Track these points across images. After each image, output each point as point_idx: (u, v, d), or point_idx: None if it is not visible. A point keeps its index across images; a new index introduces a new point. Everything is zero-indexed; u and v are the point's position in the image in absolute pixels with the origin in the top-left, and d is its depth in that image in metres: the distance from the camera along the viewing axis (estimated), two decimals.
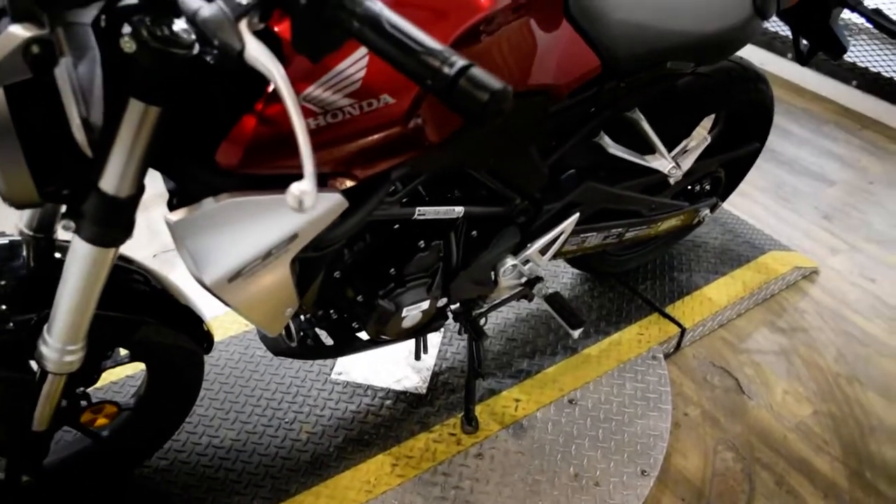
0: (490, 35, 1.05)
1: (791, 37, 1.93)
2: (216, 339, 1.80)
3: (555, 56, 1.19)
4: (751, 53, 3.43)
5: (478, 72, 0.62)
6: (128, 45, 0.76)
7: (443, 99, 0.63)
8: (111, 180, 0.88)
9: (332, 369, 1.75)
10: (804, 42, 1.85)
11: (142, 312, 1.19)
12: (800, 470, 1.72)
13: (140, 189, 0.92)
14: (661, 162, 1.55)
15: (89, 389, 1.26)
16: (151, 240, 2.16)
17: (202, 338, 1.31)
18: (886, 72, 3.14)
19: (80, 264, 0.96)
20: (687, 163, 1.60)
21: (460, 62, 0.63)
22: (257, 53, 0.71)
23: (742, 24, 1.42)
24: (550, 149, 1.43)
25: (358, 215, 1.08)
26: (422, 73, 0.64)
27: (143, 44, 0.75)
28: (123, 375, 1.67)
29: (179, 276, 1.96)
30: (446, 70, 0.63)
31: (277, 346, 1.42)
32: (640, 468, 1.60)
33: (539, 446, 1.62)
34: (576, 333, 1.62)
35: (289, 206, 0.67)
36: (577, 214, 1.52)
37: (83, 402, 1.24)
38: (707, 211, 1.91)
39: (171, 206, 1.08)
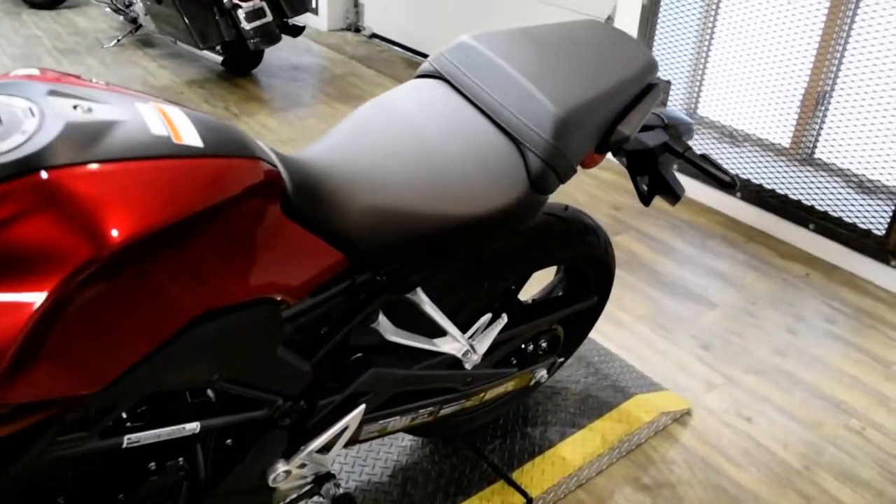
0: (164, 258, 0.89)
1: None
2: None
3: (275, 259, 1.03)
4: None
5: None
6: None
7: None
8: None
9: None
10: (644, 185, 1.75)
11: None
12: None
13: None
14: (453, 345, 1.39)
15: None
16: None
17: None
18: (768, 184, 3.09)
19: None
20: (484, 344, 1.44)
21: None
22: None
23: (516, 202, 1.27)
24: (321, 339, 1.26)
25: (9, 473, 0.89)
26: None
27: None
28: None
29: None
30: None
31: None
32: None
33: None
34: None
35: None
36: (363, 406, 1.34)
37: None
38: (544, 372, 1.75)
39: None
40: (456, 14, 4.74)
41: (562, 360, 1.84)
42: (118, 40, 5.26)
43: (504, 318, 1.46)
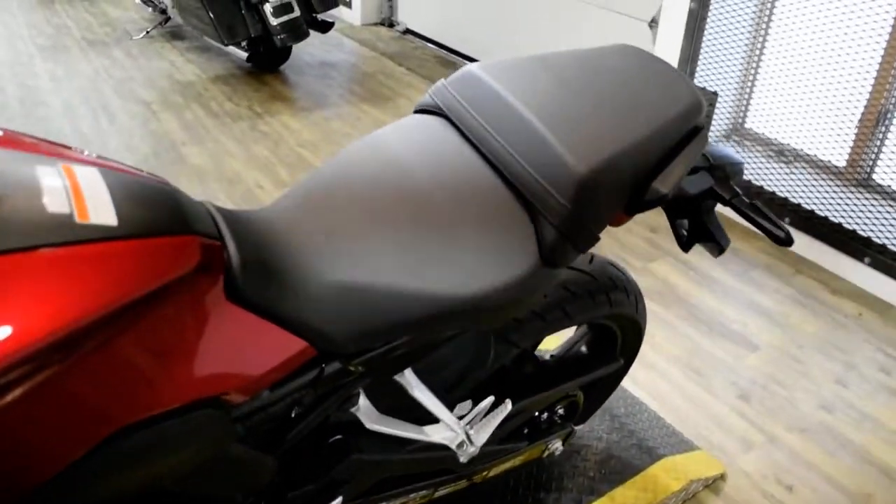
0: (59, 374, 0.71)
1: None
2: None
3: (218, 354, 0.86)
4: None
5: None
6: None
7: None
8: None
9: None
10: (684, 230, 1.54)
11: None
12: None
13: None
14: (447, 434, 1.19)
15: None
16: None
17: None
18: (820, 210, 2.83)
19: None
20: (483, 434, 1.24)
21: None
22: None
23: (524, 278, 1.05)
24: (289, 424, 1.09)
25: None
26: None
27: None
28: None
29: None
30: None
31: None
32: None
33: None
34: None
35: None
36: (341, 498, 1.17)
37: None
38: (558, 444, 1.55)
39: None
40: (495, 10, 4.52)
41: (579, 426, 1.64)
42: (147, 32, 5.15)
43: (508, 405, 1.26)
